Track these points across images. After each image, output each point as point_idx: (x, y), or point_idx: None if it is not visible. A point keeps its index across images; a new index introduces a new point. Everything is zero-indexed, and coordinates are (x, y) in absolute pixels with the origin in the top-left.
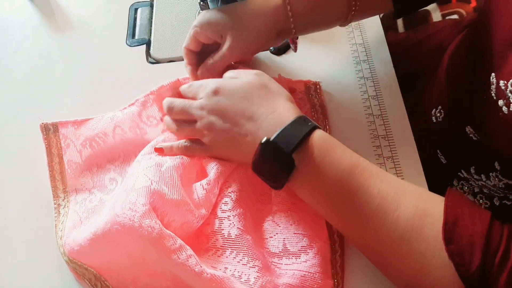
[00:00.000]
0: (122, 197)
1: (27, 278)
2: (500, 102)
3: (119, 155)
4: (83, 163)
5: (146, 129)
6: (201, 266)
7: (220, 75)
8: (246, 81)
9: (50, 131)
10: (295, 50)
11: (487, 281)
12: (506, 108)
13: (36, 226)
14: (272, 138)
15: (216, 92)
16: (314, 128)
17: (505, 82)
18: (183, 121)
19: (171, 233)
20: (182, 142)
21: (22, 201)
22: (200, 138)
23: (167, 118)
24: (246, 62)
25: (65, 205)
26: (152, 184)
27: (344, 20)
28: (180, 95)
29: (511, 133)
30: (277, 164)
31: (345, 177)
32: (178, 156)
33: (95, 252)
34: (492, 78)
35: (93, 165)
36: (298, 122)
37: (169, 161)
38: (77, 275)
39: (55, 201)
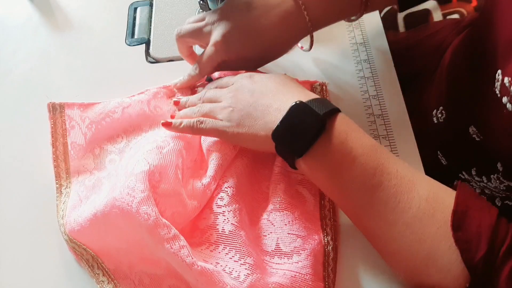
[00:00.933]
0: (122, 180)
1: (29, 258)
2: (504, 99)
3: (122, 138)
4: (86, 145)
5: (151, 117)
6: (192, 258)
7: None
8: (279, 74)
9: (56, 111)
10: (311, 47)
11: (490, 271)
12: (510, 105)
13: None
14: (305, 100)
15: (251, 75)
16: (339, 109)
17: (510, 78)
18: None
19: (166, 221)
20: (194, 119)
21: (22, 201)
22: (218, 115)
23: (184, 110)
24: None
25: (67, 186)
26: (150, 169)
27: (356, 13)
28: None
29: None
30: (307, 124)
31: (367, 151)
32: (180, 142)
33: (95, 233)
34: (498, 75)
35: (95, 147)
36: (326, 100)
37: (171, 144)
38: (76, 255)
39: (57, 182)
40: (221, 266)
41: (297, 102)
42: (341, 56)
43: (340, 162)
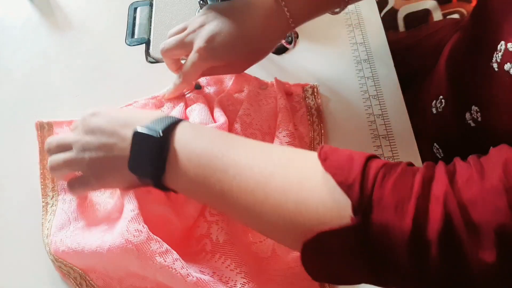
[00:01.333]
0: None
1: (15, 276)
2: (507, 66)
3: None
4: None
5: None
6: (187, 270)
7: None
8: (123, 109)
9: (44, 129)
10: (294, 44)
11: (371, 189)
12: None
13: (26, 224)
14: (144, 125)
15: (92, 114)
16: (180, 120)
17: None
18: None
19: (157, 237)
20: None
21: (17, 199)
22: (76, 166)
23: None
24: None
25: (53, 204)
26: (133, 193)
27: (339, 5)
28: (186, 104)
29: None
30: (152, 150)
31: (212, 140)
32: None
33: (82, 256)
34: (501, 46)
35: None
36: (166, 117)
37: None
38: (63, 274)
39: (43, 199)
40: (217, 275)
41: (135, 130)
42: (341, 56)
43: (189, 164)
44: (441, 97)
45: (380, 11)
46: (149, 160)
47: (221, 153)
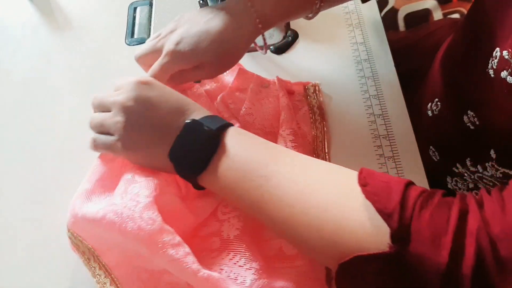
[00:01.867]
0: (122, 188)
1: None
2: (503, 74)
3: None
4: None
5: None
6: (198, 265)
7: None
8: (174, 91)
9: None
10: (265, 52)
11: (409, 219)
12: (511, 78)
13: (25, 225)
14: (198, 118)
15: (145, 82)
16: (232, 124)
17: (510, 49)
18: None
19: (170, 228)
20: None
21: (17, 199)
22: (110, 129)
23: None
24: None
25: None
26: (154, 179)
27: (310, 11)
28: None
29: None
30: (201, 144)
31: (258, 148)
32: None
33: (89, 230)
34: (496, 52)
35: None
36: (219, 117)
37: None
38: (72, 245)
39: None
40: (225, 272)
41: (191, 120)
42: (342, 55)
43: (232, 166)
44: (436, 99)
45: (381, 11)
46: (195, 154)
47: (266, 161)
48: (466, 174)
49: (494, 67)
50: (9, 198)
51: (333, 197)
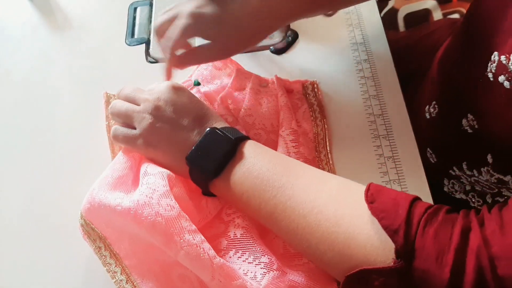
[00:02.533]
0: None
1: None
2: (501, 78)
3: None
4: None
5: None
6: (213, 252)
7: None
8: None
9: (111, 99)
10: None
11: (414, 236)
12: (508, 83)
13: (25, 228)
14: (219, 127)
15: (176, 88)
16: (249, 138)
17: (507, 55)
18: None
19: (187, 216)
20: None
21: (17, 200)
22: (135, 121)
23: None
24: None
25: None
26: (167, 171)
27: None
28: None
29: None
30: (219, 148)
31: (274, 160)
32: None
33: (104, 218)
34: (494, 57)
35: None
36: (237, 129)
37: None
38: (83, 232)
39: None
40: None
41: (212, 128)
42: (341, 56)
43: (248, 175)
44: (434, 102)
45: (380, 11)
46: (212, 158)
47: (281, 173)
48: (462, 177)
49: (493, 71)
50: (9, 198)
51: (343, 212)
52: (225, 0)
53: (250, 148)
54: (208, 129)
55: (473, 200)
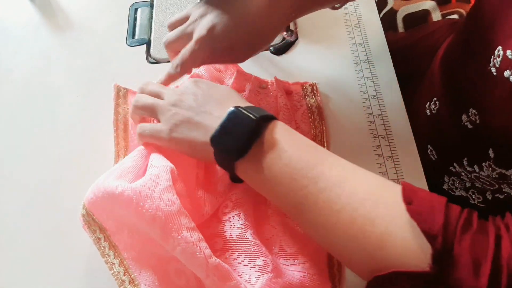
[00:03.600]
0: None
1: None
2: (507, 73)
3: None
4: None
5: None
6: (210, 251)
7: None
8: (225, 86)
9: (120, 92)
10: (295, 36)
11: (452, 243)
12: None
13: (25, 228)
14: (242, 106)
15: (196, 80)
16: (277, 118)
17: None
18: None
19: (187, 213)
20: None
21: (17, 200)
22: (159, 114)
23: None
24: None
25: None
26: (170, 165)
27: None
28: None
29: None
30: (243, 127)
31: (304, 147)
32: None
33: (106, 208)
34: (498, 51)
35: None
36: (264, 110)
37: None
38: (84, 223)
39: (115, 160)
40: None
41: (235, 107)
42: (341, 56)
43: (277, 160)
44: (435, 99)
45: (380, 12)
46: (236, 138)
47: (313, 162)
48: (463, 174)
49: (497, 65)
50: (10, 198)
51: (380, 212)
52: (236, 6)
53: (279, 130)
54: (230, 108)
55: (473, 197)
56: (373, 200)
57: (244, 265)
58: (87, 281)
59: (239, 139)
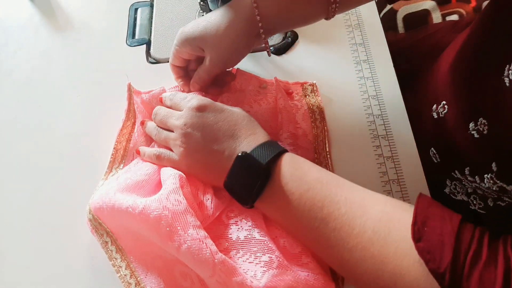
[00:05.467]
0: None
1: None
2: None
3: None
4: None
5: None
6: (216, 248)
7: (208, 85)
8: (232, 109)
9: (131, 91)
10: (269, 54)
11: (460, 279)
12: None
13: (27, 225)
14: (249, 151)
15: (200, 108)
16: (285, 150)
17: None
18: (164, 129)
19: (193, 212)
20: (154, 149)
21: (17, 200)
22: (172, 149)
23: (150, 123)
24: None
25: (114, 174)
26: (178, 172)
27: (326, 15)
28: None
29: None
30: (253, 176)
31: (313, 186)
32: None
33: (112, 214)
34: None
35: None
36: (272, 143)
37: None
38: (92, 228)
39: (109, 165)
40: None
41: (243, 152)
42: (341, 56)
43: (288, 202)
44: (444, 102)
45: (380, 12)
46: (247, 186)
47: (321, 202)
48: (464, 181)
49: (511, 77)
50: (11, 198)
51: (389, 251)
52: (210, 18)
53: (287, 170)
54: (238, 154)
55: (474, 202)
56: (382, 238)
57: (249, 262)
58: (93, 283)
59: (250, 188)
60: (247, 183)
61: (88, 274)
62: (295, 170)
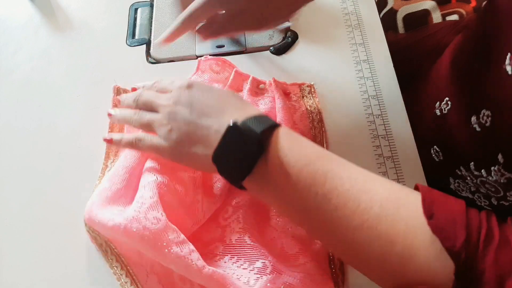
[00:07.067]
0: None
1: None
2: None
3: None
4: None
5: None
6: (203, 261)
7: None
8: (221, 89)
9: (120, 93)
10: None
11: (475, 258)
12: None
13: (26, 226)
14: (240, 121)
15: (189, 86)
16: (279, 125)
17: None
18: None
19: (175, 227)
20: (133, 134)
21: (17, 200)
22: (156, 131)
23: (122, 109)
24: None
25: (110, 168)
26: (158, 179)
27: None
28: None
29: None
30: (245, 148)
31: (313, 160)
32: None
33: (104, 230)
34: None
35: None
36: (266, 117)
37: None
38: (91, 237)
39: (104, 162)
40: (228, 274)
41: (234, 122)
42: (341, 56)
43: (286, 177)
44: (447, 99)
45: (380, 12)
46: (238, 158)
47: (322, 178)
48: (468, 178)
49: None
50: (11, 198)
51: (399, 229)
52: None
53: (284, 141)
54: (227, 125)
55: (480, 200)
56: (390, 214)
57: (243, 268)
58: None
59: (242, 159)
60: (238, 157)
61: (88, 274)
62: (292, 143)
